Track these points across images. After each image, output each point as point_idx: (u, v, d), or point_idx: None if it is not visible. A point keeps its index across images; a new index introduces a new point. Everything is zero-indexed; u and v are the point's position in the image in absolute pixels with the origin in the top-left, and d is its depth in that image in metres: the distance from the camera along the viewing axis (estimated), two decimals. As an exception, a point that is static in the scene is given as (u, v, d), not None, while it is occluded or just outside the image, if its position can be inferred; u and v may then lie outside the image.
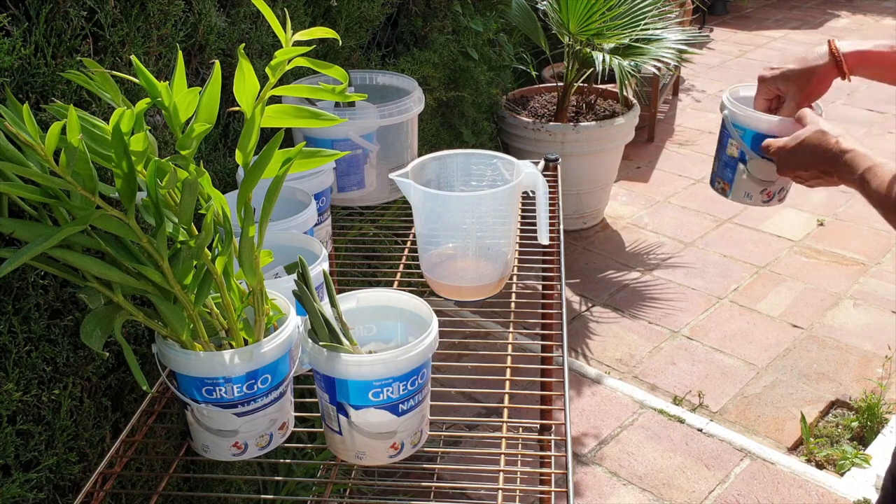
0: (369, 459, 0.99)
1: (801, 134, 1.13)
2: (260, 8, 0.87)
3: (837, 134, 1.09)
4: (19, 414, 1.11)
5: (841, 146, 1.06)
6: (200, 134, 0.87)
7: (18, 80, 1.05)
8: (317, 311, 0.95)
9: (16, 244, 1.02)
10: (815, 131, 1.11)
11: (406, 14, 2.42)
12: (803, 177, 1.14)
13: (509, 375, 1.21)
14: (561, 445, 1.05)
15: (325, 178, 1.49)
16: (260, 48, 1.65)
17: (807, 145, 1.12)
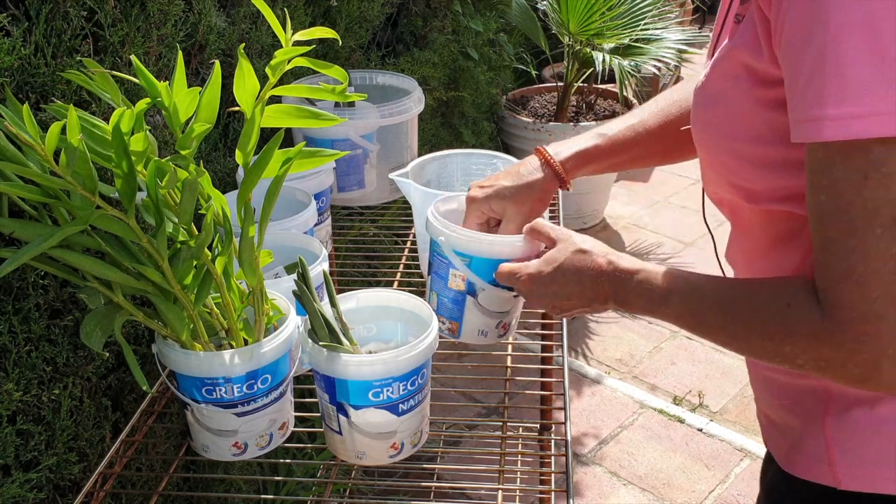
0: (369, 459, 0.99)
1: (556, 257, 0.94)
2: (260, 8, 0.87)
3: (604, 252, 0.91)
4: (19, 414, 1.11)
5: (619, 266, 0.87)
6: (200, 134, 0.87)
7: (18, 80, 1.05)
8: (317, 311, 0.95)
9: (16, 244, 1.02)
10: (573, 252, 0.93)
11: (406, 14, 2.42)
12: (563, 307, 0.94)
13: (509, 375, 1.21)
14: (561, 445, 1.05)
15: (325, 178, 1.49)
16: (260, 48, 1.65)
17: (567, 270, 0.92)
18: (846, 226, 0.62)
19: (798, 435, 0.82)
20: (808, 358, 0.68)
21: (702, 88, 0.81)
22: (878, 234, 0.61)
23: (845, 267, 0.63)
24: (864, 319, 0.63)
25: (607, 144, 1.07)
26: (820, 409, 0.80)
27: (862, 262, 0.62)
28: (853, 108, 0.59)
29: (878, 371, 0.64)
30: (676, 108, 1.06)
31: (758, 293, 0.73)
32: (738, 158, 0.77)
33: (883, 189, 0.60)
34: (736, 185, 0.80)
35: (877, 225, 0.60)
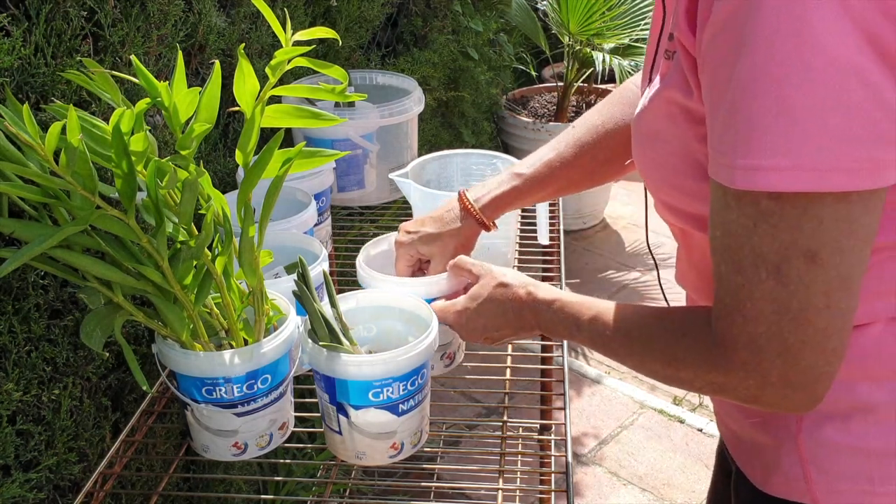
0: (369, 459, 0.99)
1: (479, 292, 0.99)
2: (260, 8, 0.87)
3: (523, 283, 0.96)
4: (19, 414, 1.11)
5: (537, 297, 0.93)
6: (200, 134, 0.87)
7: (18, 80, 1.05)
8: (317, 311, 0.95)
9: (16, 244, 1.02)
10: (494, 286, 0.98)
11: (406, 14, 2.42)
12: (495, 337, 0.99)
13: (509, 375, 1.21)
14: (561, 445, 1.05)
15: (325, 178, 1.49)
16: (260, 48, 1.65)
17: (490, 303, 0.98)
18: (736, 265, 0.67)
19: (771, 454, 0.83)
20: (703, 383, 0.74)
21: (639, 126, 0.83)
22: (762, 277, 0.65)
23: (734, 301, 0.68)
24: (748, 350, 0.68)
25: (525, 185, 1.13)
26: (792, 426, 0.81)
27: (748, 300, 0.67)
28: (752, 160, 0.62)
29: (763, 393, 0.69)
30: (592, 136, 1.10)
31: (658, 323, 0.79)
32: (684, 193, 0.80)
33: (769, 238, 0.64)
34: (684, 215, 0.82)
35: (762, 269, 0.65)
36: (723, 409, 0.94)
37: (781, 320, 0.66)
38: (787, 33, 0.59)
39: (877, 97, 0.60)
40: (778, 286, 0.65)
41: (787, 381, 0.68)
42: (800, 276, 0.64)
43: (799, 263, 0.64)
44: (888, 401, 0.76)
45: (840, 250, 0.64)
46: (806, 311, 0.65)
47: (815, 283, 0.64)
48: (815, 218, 0.63)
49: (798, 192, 0.62)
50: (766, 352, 0.67)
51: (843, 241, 0.63)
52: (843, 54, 0.59)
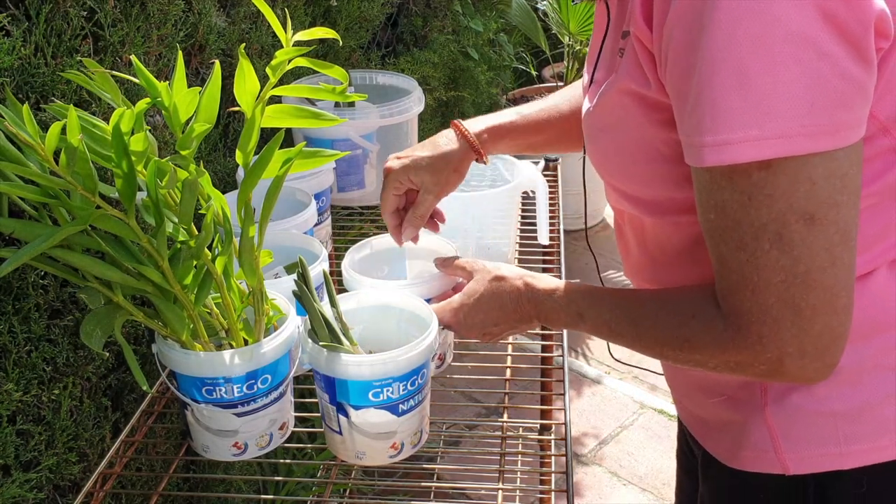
0: (369, 459, 0.99)
1: (475, 288, 0.98)
2: (260, 8, 0.87)
3: (519, 274, 0.95)
4: (19, 414, 1.11)
5: (535, 287, 0.92)
6: (200, 134, 0.87)
7: (18, 80, 1.05)
8: (317, 311, 0.95)
9: (16, 244, 1.02)
10: (490, 280, 0.97)
11: (406, 14, 2.42)
12: (493, 332, 0.98)
13: (509, 375, 1.21)
14: (561, 445, 1.05)
15: (325, 178, 1.49)
16: (260, 48, 1.65)
17: (488, 298, 0.96)
18: (737, 242, 0.68)
19: (739, 429, 0.84)
20: (718, 362, 0.74)
21: (591, 122, 0.84)
22: (766, 248, 0.66)
23: (740, 278, 0.69)
24: (762, 323, 0.69)
25: (522, 122, 1.11)
26: (758, 399, 0.82)
27: (755, 273, 0.68)
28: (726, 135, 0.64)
29: (782, 366, 0.70)
30: None
31: (664, 307, 0.79)
32: (642, 179, 0.81)
33: (766, 208, 0.66)
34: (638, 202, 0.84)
35: (764, 241, 0.66)
36: (682, 393, 0.95)
37: (791, 287, 0.67)
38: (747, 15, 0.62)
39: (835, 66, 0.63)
40: (782, 254, 0.66)
41: (804, 349, 0.68)
42: (802, 238, 0.65)
43: (799, 227, 0.65)
44: (850, 363, 0.76)
45: (836, 206, 0.65)
46: (812, 273, 0.66)
47: (817, 242, 0.66)
48: (808, 180, 0.65)
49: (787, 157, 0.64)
50: (780, 321, 0.68)
51: (837, 196, 0.65)
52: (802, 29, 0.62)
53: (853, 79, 0.64)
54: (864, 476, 0.79)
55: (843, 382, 0.79)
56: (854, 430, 0.79)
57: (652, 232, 0.87)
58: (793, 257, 0.66)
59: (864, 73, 0.65)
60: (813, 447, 0.80)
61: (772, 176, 0.65)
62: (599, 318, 0.85)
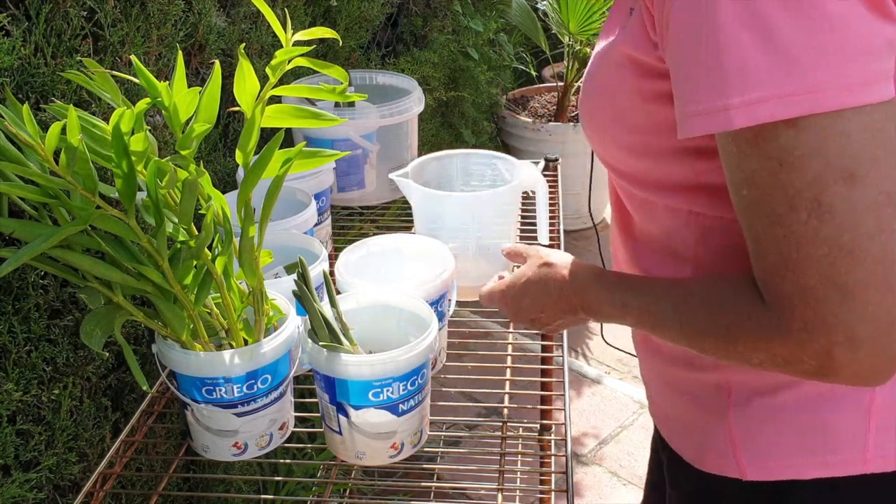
0: (369, 459, 0.99)
1: (524, 272, 0.95)
2: (260, 8, 0.87)
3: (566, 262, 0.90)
4: (19, 414, 1.11)
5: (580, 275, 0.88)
6: (200, 134, 0.87)
7: (18, 80, 1.05)
8: (317, 311, 0.95)
9: (16, 244, 1.02)
10: (539, 265, 0.93)
11: (406, 14, 2.42)
12: (542, 320, 0.94)
13: (509, 375, 1.21)
14: (561, 445, 1.05)
15: (325, 178, 1.49)
16: (260, 48, 1.65)
17: (534, 282, 0.93)
18: (770, 216, 0.61)
19: (704, 430, 0.83)
20: (763, 357, 0.67)
21: (588, 77, 0.82)
22: (803, 219, 0.60)
23: (778, 257, 0.62)
24: (806, 306, 0.61)
25: None
26: (722, 402, 0.81)
27: (794, 249, 0.61)
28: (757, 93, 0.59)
29: (831, 359, 0.62)
30: None
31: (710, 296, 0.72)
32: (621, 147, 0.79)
33: (798, 172, 0.59)
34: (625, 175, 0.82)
35: (801, 210, 0.60)
36: (654, 390, 0.94)
37: (835, 261, 0.59)
38: None
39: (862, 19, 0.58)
40: (822, 223, 0.59)
41: (856, 336, 0.60)
42: (843, 201, 0.58)
43: (838, 188, 0.58)
44: None
45: (875, 162, 0.59)
46: (859, 241, 0.59)
47: (860, 204, 0.58)
48: (841, 134, 0.58)
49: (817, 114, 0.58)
50: (826, 303, 0.60)
51: (876, 151, 0.59)
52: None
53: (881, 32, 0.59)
54: (822, 487, 0.78)
55: (805, 392, 0.77)
56: (811, 443, 0.77)
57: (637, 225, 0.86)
58: (835, 225, 0.59)
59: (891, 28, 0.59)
60: (769, 455, 0.79)
61: (802, 135, 0.59)
62: (641, 310, 0.78)
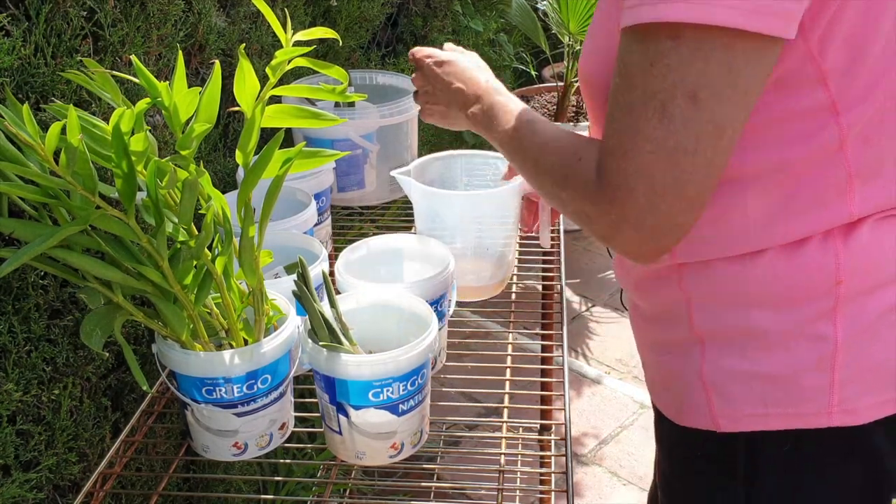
0: (369, 459, 0.99)
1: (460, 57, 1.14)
2: (260, 8, 0.87)
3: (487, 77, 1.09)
4: (19, 414, 1.11)
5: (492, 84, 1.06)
6: (200, 134, 0.87)
7: (18, 80, 1.05)
8: (317, 311, 0.95)
9: (16, 244, 1.02)
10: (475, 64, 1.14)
11: (406, 14, 2.42)
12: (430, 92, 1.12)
13: (509, 375, 1.21)
14: (561, 445, 1.05)
15: (325, 178, 1.49)
16: (260, 48, 1.65)
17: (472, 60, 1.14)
18: (628, 105, 0.71)
19: (682, 387, 0.88)
20: (574, 207, 0.79)
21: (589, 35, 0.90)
22: (649, 115, 0.69)
23: (618, 142, 0.72)
24: (618, 187, 0.72)
25: None
26: (697, 358, 0.86)
27: (630, 139, 0.71)
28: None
29: (618, 231, 0.74)
30: None
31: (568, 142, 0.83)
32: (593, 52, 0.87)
33: (661, 78, 0.68)
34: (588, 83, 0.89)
35: (649, 108, 0.69)
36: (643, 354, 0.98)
37: (655, 159, 0.70)
38: None
39: None
40: (660, 124, 0.69)
41: (642, 222, 0.72)
42: (681, 114, 0.68)
43: (682, 102, 0.68)
44: (777, 327, 0.81)
45: (718, 97, 0.68)
46: (677, 152, 0.69)
47: (691, 124, 0.68)
48: (704, 59, 0.67)
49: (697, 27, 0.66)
50: (634, 190, 0.71)
51: (723, 88, 0.68)
52: None
53: None
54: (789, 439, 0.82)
55: (772, 346, 0.82)
56: (778, 394, 0.82)
57: None
58: (667, 131, 0.69)
59: None
60: (741, 406, 0.83)
61: (676, 47, 0.68)
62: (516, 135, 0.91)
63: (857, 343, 0.80)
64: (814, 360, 0.81)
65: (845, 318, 0.80)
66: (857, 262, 0.79)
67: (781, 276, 0.80)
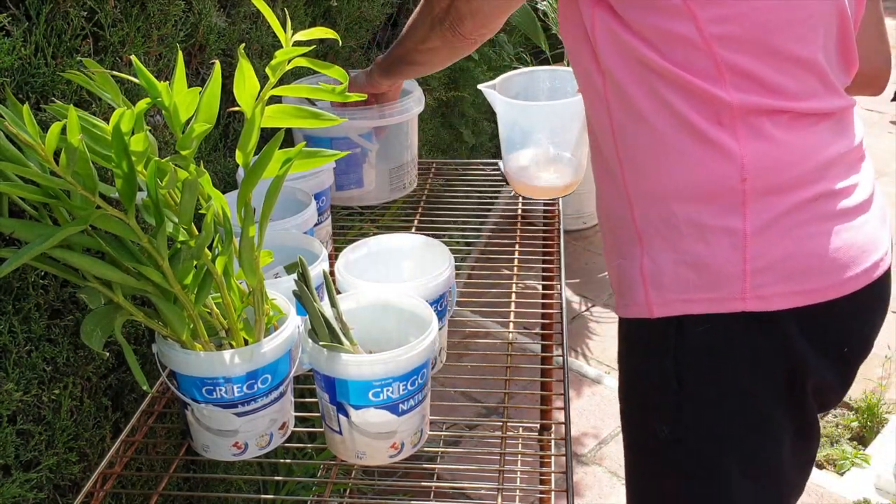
0: (369, 459, 0.99)
1: None
2: (260, 8, 0.87)
3: None
4: (19, 414, 1.11)
5: None
6: (200, 134, 0.87)
7: (18, 80, 1.05)
8: (317, 311, 0.95)
9: (16, 244, 1.02)
10: None
11: (406, 14, 2.42)
12: None
13: (509, 375, 1.21)
14: (561, 445, 1.05)
15: (326, 177, 1.48)
16: (260, 48, 1.65)
17: None
18: None
19: (628, 285, 0.99)
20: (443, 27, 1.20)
21: None
22: None
23: None
24: None
25: None
26: (638, 255, 0.97)
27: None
28: None
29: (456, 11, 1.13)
30: None
31: None
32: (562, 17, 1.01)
33: None
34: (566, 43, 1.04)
35: None
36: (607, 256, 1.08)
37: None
38: None
39: None
40: None
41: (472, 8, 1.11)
42: None
43: None
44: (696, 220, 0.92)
45: None
46: None
47: None
48: None
49: None
50: None
51: None
52: None
53: None
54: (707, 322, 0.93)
55: (693, 237, 0.92)
56: (700, 281, 0.92)
57: None
58: None
59: None
60: (670, 293, 0.94)
61: None
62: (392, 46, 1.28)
63: (765, 236, 0.90)
64: (727, 250, 0.90)
65: (753, 212, 0.90)
66: (763, 162, 0.89)
67: (694, 171, 0.91)
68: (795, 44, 0.89)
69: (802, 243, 0.90)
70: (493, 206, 1.79)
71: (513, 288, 1.39)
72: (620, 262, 1.01)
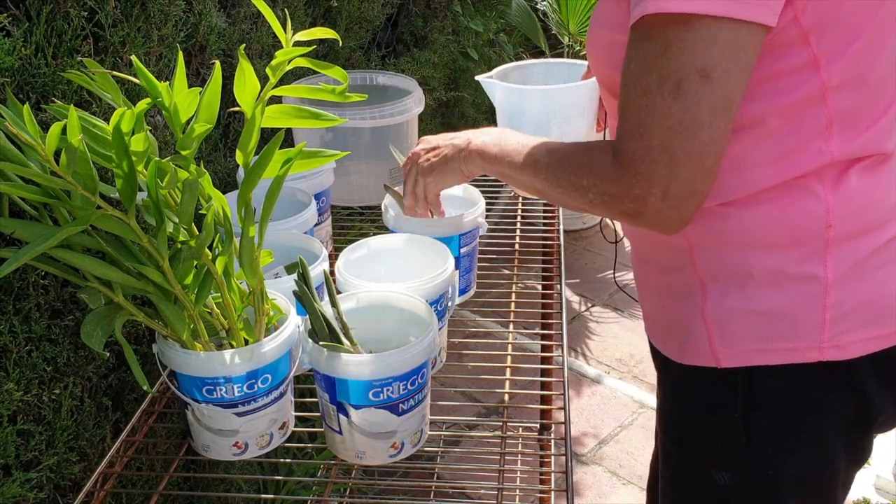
0: (369, 459, 0.99)
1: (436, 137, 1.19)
2: (260, 8, 0.87)
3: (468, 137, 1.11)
4: (20, 414, 1.11)
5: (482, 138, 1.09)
6: (201, 134, 0.88)
7: (19, 81, 1.05)
8: (317, 311, 0.95)
9: (16, 244, 1.02)
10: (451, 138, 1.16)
11: (406, 14, 2.43)
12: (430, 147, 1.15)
13: (509, 375, 1.21)
14: (561, 445, 1.06)
15: (325, 178, 1.49)
16: (260, 48, 1.65)
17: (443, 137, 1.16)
18: (643, 88, 0.78)
19: (685, 328, 0.94)
20: (598, 191, 0.85)
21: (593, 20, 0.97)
22: (664, 94, 0.77)
23: (636, 122, 0.79)
24: (642, 162, 0.79)
25: None
26: (700, 300, 0.93)
27: (649, 118, 0.78)
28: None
29: (645, 205, 0.80)
30: None
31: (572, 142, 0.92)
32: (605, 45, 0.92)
33: (675, 59, 0.76)
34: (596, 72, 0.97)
35: (665, 88, 0.77)
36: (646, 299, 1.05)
37: (673, 134, 0.77)
38: None
39: None
40: (675, 102, 0.77)
41: (667, 192, 0.79)
42: (695, 91, 0.76)
43: (695, 80, 0.76)
44: (773, 268, 0.88)
45: (728, 72, 0.76)
46: (693, 125, 0.77)
47: (705, 99, 0.76)
48: (713, 39, 0.75)
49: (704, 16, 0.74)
50: (657, 164, 0.78)
51: (731, 64, 0.76)
52: None
53: None
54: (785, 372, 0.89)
55: (768, 285, 0.88)
56: (774, 329, 0.88)
57: None
58: (683, 107, 0.76)
59: None
60: (740, 343, 0.90)
61: (687, 32, 0.75)
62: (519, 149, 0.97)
63: (846, 283, 0.87)
64: (806, 298, 0.87)
65: (835, 259, 0.87)
66: (846, 207, 0.86)
67: (775, 219, 0.87)
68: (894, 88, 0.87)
69: (881, 286, 0.88)
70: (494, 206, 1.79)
71: (513, 288, 1.39)
72: (673, 303, 0.97)
